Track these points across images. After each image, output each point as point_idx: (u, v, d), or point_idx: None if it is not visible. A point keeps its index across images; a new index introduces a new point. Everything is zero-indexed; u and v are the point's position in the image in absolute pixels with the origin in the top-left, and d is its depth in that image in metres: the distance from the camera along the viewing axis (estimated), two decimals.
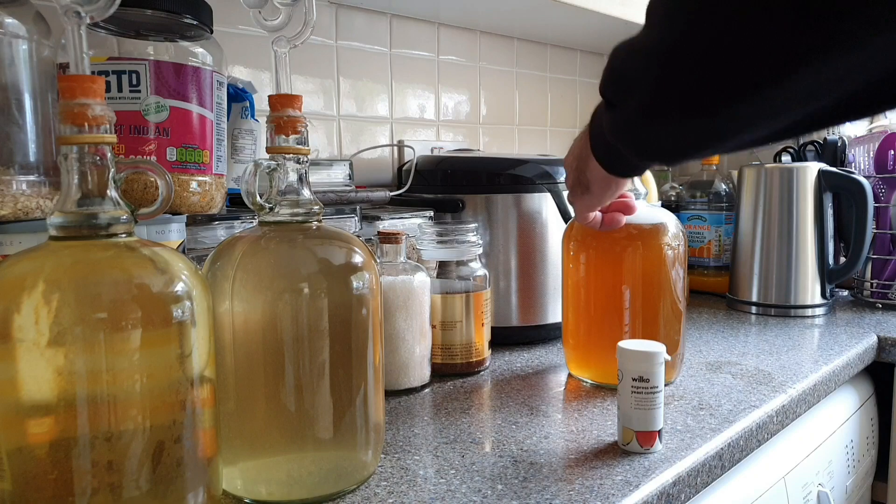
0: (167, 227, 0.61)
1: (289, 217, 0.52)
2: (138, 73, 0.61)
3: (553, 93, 1.52)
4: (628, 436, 0.59)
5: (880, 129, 1.25)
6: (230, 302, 0.49)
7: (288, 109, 0.51)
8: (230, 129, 0.82)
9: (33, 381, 0.39)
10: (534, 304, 0.93)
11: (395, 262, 0.76)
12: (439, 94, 1.28)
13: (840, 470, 0.93)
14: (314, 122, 1.09)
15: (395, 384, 0.75)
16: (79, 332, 0.39)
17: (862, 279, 1.21)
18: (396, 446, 0.61)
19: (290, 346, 0.49)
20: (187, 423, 0.43)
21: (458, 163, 0.99)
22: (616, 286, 0.76)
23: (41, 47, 0.58)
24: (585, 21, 1.26)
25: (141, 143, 0.62)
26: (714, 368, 0.83)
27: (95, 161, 0.41)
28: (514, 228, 0.92)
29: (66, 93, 0.40)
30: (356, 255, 0.53)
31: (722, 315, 1.14)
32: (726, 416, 0.67)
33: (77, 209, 0.41)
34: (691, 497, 0.59)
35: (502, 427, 0.66)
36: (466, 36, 1.32)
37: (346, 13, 1.12)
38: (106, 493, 0.40)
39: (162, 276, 0.42)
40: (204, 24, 0.65)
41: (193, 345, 0.43)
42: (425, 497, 0.52)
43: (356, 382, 0.52)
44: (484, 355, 0.83)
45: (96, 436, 0.39)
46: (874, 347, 0.98)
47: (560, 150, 1.53)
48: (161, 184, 0.46)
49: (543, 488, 0.53)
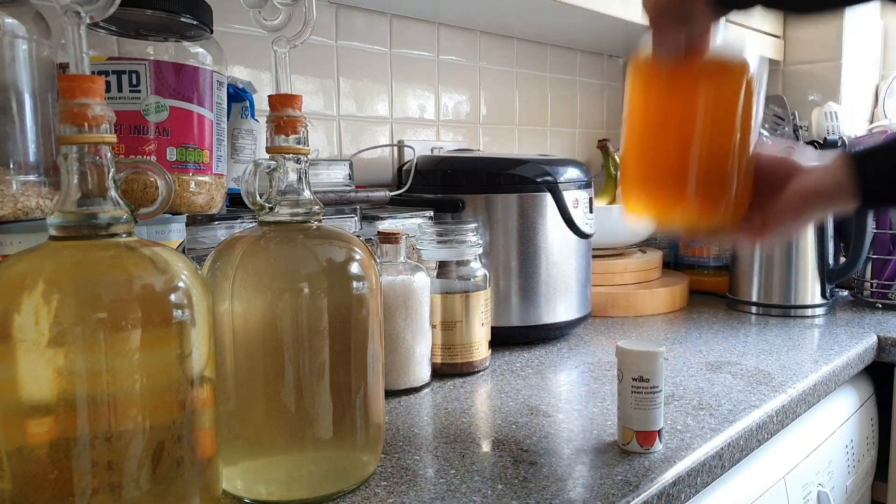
0: (167, 227, 0.61)
1: (289, 217, 0.52)
2: (138, 73, 0.61)
3: (553, 93, 1.52)
4: (628, 436, 0.59)
5: (880, 129, 1.26)
6: (230, 302, 0.49)
7: (288, 109, 0.51)
8: (230, 129, 0.82)
9: (33, 381, 0.39)
10: (534, 304, 0.93)
11: (395, 262, 0.76)
12: (439, 94, 1.28)
13: (840, 470, 0.93)
14: (314, 122, 1.09)
15: (395, 384, 0.75)
16: (79, 332, 0.38)
17: (862, 279, 1.21)
18: (396, 446, 0.61)
19: (290, 346, 0.49)
20: (187, 423, 0.43)
21: (458, 163, 0.99)
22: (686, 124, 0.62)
23: (41, 47, 0.58)
24: (585, 21, 1.26)
25: (141, 143, 0.62)
26: (714, 368, 0.83)
27: (95, 161, 0.41)
28: (514, 228, 0.92)
29: (66, 93, 0.40)
30: (356, 255, 0.53)
31: (722, 315, 1.14)
32: (726, 416, 0.67)
33: (77, 209, 0.41)
34: (691, 497, 0.59)
35: (502, 427, 0.66)
36: (466, 36, 1.32)
37: (346, 13, 1.12)
38: (106, 493, 0.40)
39: (162, 276, 0.42)
40: (204, 24, 0.65)
41: (193, 345, 0.43)
42: (425, 497, 0.52)
43: (356, 382, 0.52)
44: (484, 355, 0.83)
45: (96, 436, 0.39)
46: (874, 347, 0.98)
47: (560, 150, 1.53)
48: (161, 184, 0.46)
49: (543, 488, 0.53)
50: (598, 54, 1.61)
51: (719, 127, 0.61)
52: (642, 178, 0.66)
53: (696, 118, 0.62)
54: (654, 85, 0.64)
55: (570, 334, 1.00)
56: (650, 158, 0.65)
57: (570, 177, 0.94)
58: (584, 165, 0.99)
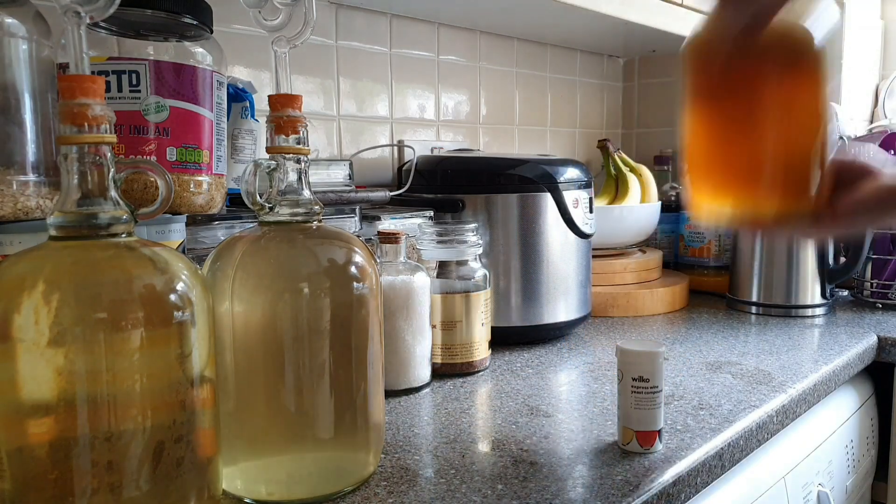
0: (167, 227, 0.61)
1: (289, 217, 0.52)
2: (138, 73, 0.61)
3: (553, 93, 1.52)
4: (628, 436, 0.59)
5: (880, 129, 1.26)
6: (230, 302, 0.49)
7: (288, 109, 0.51)
8: (230, 129, 0.82)
9: (33, 381, 0.39)
10: (534, 304, 0.93)
11: (395, 262, 0.76)
12: (439, 94, 1.28)
13: (840, 470, 0.93)
14: (314, 122, 1.09)
15: (395, 384, 0.75)
16: (79, 332, 0.39)
17: (862, 279, 1.21)
18: (396, 446, 0.61)
19: (290, 346, 0.49)
20: (187, 423, 0.43)
21: (458, 163, 0.99)
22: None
23: (41, 47, 0.58)
24: (585, 21, 1.26)
25: (141, 143, 0.61)
26: (714, 368, 0.83)
27: (95, 161, 0.41)
28: (515, 228, 0.92)
29: (65, 93, 0.40)
30: (356, 255, 0.53)
31: (722, 315, 1.14)
32: (726, 416, 0.67)
33: (77, 209, 0.41)
34: (691, 497, 0.59)
35: (502, 427, 0.66)
36: (466, 36, 1.32)
37: (346, 13, 1.12)
38: (106, 493, 0.40)
39: (162, 276, 0.42)
40: (204, 24, 0.65)
41: (193, 345, 0.43)
42: (425, 497, 0.52)
43: (356, 382, 0.52)
44: (484, 355, 0.83)
45: (96, 436, 0.39)
46: (874, 347, 0.98)
47: (560, 150, 1.53)
48: (161, 184, 0.46)
49: (543, 488, 0.53)
50: (598, 54, 1.61)
51: (794, 115, 0.55)
52: (715, 170, 0.59)
53: (764, 106, 0.55)
54: (716, 69, 0.57)
55: (570, 334, 1.00)
56: (722, 150, 0.58)
57: (570, 177, 0.94)
58: (584, 165, 0.99)
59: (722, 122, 0.58)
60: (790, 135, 0.56)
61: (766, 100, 0.55)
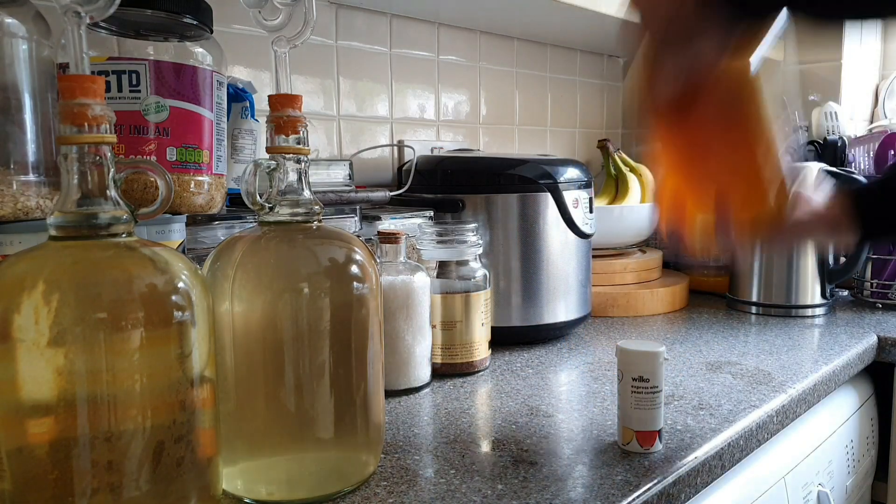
0: (167, 227, 0.61)
1: (289, 217, 0.52)
2: (138, 73, 0.61)
3: (553, 93, 1.52)
4: (628, 436, 0.59)
5: (880, 129, 1.26)
6: (230, 302, 0.49)
7: (288, 109, 0.51)
8: (230, 129, 0.82)
9: (33, 381, 0.39)
10: (534, 304, 0.93)
11: (395, 262, 0.76)
12: (439, 94, 1.28)
13: (840, 470, 0.93)
14: (314, 122, 1.09)
15: (395, 384, 0.75)
16: (79, 332, 0.38)
17: (862, 279, 1.21)
18: (396, 446, 0.61)
19: (290, 346, 0.49)
20: (187, 423, 0.43)
21: (458, 163, 0.99)
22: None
23: (41, 47, 0.58)
24: (585, 21, 1.26)
25: (141, 143, 0.61)
26: (714, 368, 0.83)
27: (95, 161, 0.41)
28: (515, 228, 0.92)
29: (65, 93, 0.40)
30: (356, 255, 0.53)
31: (722, 315, 1.14)
32: (726, 416, 0.67)
33: (77, 209, 0.41)
34: (691, 497, 0.59)
35: (502, 427, 0.66)
36: (466, 36, 1.32)
37: (346, 13, 1.12)
38: (106, 493, 0.40)
39: (162, 276, 0.42)
40: (204, 24, 0.65)
41: (193, 345, 0.43)
42: (425, 497, 0.52)
43: (356, 382, 0.52)
44: (484, 355, 0.83)
45: (96, 436, 0.39)
46: (874, 347, 0.98)
47: (560, 150, 1.53)
48: (161, 184, 0.46)
49: (543, 488, 0.53)
50: (598, 54, 1.61)
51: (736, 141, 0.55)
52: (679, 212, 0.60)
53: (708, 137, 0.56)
54: (663, 121, 0.56)
55: (570, 334, 1.00)
56: (685, 190, 0.59)
57: (570, 177, 0.94)
58: (584, 165, 0.99)
59: (680, 170, 0.59)
60: (737, 157, 0.56)
61: (708, 132, 0.56)
